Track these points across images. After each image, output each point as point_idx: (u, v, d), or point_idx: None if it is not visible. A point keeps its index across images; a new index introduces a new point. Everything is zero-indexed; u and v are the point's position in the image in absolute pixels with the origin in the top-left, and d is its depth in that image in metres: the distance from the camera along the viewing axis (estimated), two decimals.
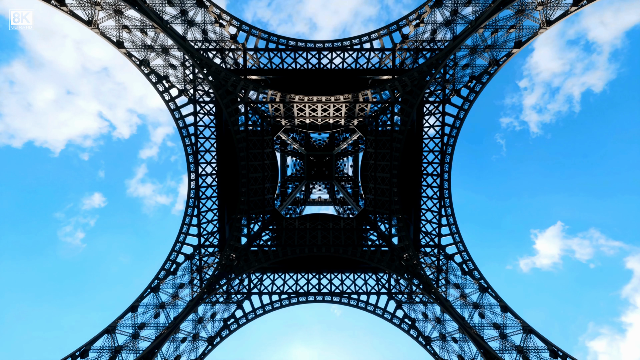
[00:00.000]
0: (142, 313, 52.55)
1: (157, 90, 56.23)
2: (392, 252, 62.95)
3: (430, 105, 64.70)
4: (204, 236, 65.41)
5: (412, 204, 69.19)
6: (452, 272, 60.68)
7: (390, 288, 66.50)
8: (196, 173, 63.92)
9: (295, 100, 60.82)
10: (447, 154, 63.04)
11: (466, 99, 58.53)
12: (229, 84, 57.43)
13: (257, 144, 66.55)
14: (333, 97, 59.99)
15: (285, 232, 68.41)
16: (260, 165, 67.51)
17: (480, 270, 58.38)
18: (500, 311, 52.72)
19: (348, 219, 72.70)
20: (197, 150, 63.68)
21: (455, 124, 60.82)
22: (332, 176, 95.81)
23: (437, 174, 65.17)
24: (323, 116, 65.70)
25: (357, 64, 64.54)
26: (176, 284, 58.15)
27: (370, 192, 70.97)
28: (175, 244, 60.86)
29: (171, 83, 57.48)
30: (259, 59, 63.96)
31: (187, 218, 63.03)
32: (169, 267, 59.07)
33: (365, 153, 72.04)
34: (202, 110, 63.29)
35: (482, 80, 55.80)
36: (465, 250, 60.43)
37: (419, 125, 66.33)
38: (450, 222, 63.06)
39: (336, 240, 66.09)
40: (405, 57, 62.36)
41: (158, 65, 55.05)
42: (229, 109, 59.11)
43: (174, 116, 59.16)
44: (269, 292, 66.21)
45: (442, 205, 64.37)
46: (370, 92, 59.16)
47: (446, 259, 62.59)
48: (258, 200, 68.18)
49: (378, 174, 67.07)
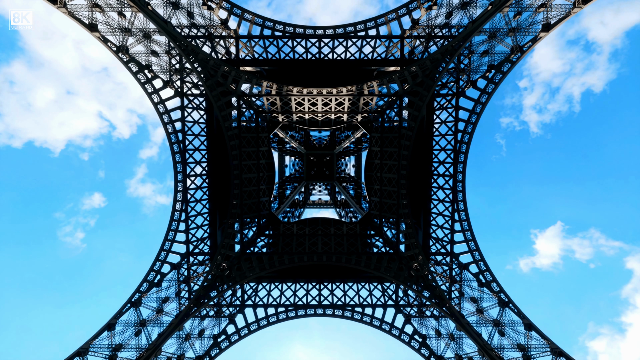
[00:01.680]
0: (121, 332, 46.57)
1: (138, 81, 50.24)
2: (400, 261, 57.05)
3: (441, 99, 58.75)
4: (192, 243, 59.44)
5: (421, 207, 63.25)
6: (466, 284, 54.72)
7: (397, 300, 60.52)
8: (184, 173, 57.94)
9: (293, 93, 54.89)
10: (461, 153, 57.08)
11: (484, 91, 52.54)
12: (218, 75, 51.46)
13: (252, 141, 60.59)
14: (335, 89, 54.06)
15: (282, 238, 62.49)
16: (255, 165, 61.57)
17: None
18: (524, 329, 46.74)
19: (351, 223, 66.77)
20: (185, 149, 57.71)
21: (470, 119, 54.83)
22: (333, 177, 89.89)
23: (450, 175, 59.20)
24: (324, 111, 59.78)
25: (361, 53, 58.59)
26: (160, 298, 52.15)
27: (375, 194, 65.04)
28: (159, 252, 54.88)
29: (154, 73, 51.49)
30: (253, 48, 58.00)
31: (174, 223, 57.02)
32: (152, 279, 53.09)
33: (370, 152, 66.13)
34: (191, 105, 57.32)
35: (502, 69, 49.80)
36: (482, 259, 54.44)
37: (429, 121, 60.39)
38: (464, 227, 57.09)
39: (338, 247, 60.17)
40: (414, 45, 56.39)
41: (139, 53, 49.06)
42: (219, 103, 53.16)
43: (158, 110, 53.19)
44: (265, 305, 60.21)
45: (455, 209, 58.40)
46: (376, 83, 53.21)
47: (460, 269, 56.62)
48: (252, 203, 62.22)
49: (384, 174, 61.13)
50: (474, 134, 55.74)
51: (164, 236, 55.67)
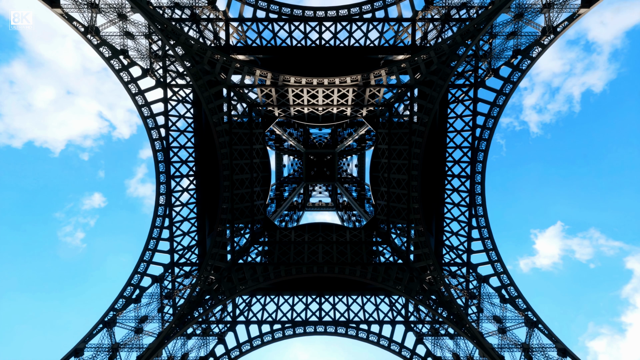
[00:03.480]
0: (90, 359, 40.17)
1: (111, 68, 43.77)
2: (410, 272, 50.65)
3: (456, 90, 52.35)
4: (178, 252, 53.02)
5: (432, 212, 56.87)
6: (486, 299, 48.29)
7: (407, 315, 54.15)
8: (167, 174, 51.49)
9: (290, 84, 48.46)
10: (479, 151, 50.64)
11: (507, 80, 46.08)
12: (205, 61, 45.02)
13: (244, 138, 54.15)
14: (337, 78, 47.66)
15: (278, 247, 56.05)
16: (248, 164, 55.14)
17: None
18: (557, 355, 40.35)
19: (355, 229, 60.35)
20: (168, 146, 51.27)
21: (491, 112, 48.39)
22: (335, 177, 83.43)
23: (466, 175, 52.79)
24: (325, 104, 53.37)
25: (367, 39, 52.24)
26: (139, 316, 45.75)
27: (381, 197, 58.62)
28: (138, 263, 48.42)
29: (131, 59, 44.99)
30: (245, 33, 51.61)
31: (156, 230, 50.56)
32: (130, 294, 46.63)
33: (376, 150, 59.69)
34: (176, 97, 50.88)
35: (530, 54, 43.32)
36: (505, 271, 47.99)
37: (442, 115, 54.01)
38: (483, 235, 50.65)
39: (341, 257, 53.76)
40: (427, 30, 50.00)
41: (112, 35, 42.58)
42: (205, 94, 46.70)
43: (136, 102, 46.73)
44: (259, 321, 53.81)
45: (472, 214, 51.97)
46: (384, 71, 46.79)
47: (478, 282, 50.19)
48: (245, 207, 55.79)
49: (392, 175, 54.69)
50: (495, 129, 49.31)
51: (143, 245, 49.22)
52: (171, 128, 51.00)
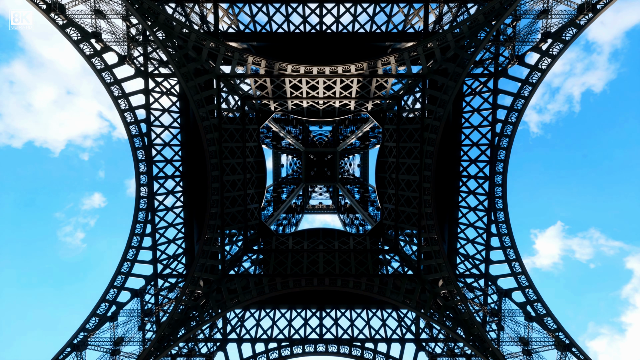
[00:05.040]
0: None
1: (81, 54, 38.11)
2: (422, 285, 45.09)
3: (473, 81, 46.79)
4: (162, 262, 47.43)
5: (445, 217, 51.30)
6: (508, 316, 42.70)
7: (418, 332, 48.54)
8: (149, 175, 45.90)
9: (287, 73, 42.90)
10: (500, 149, 45.03)
11: (535, 68, 40.40)
12: (189, 46, 39.43)
13: (236, 135, 48.58)
14: (340, 67, 42.11)
15: (274, 255, 50.46)
16: (241, 164, 49.57)
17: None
18: None
19: (359, 235, 54.79)
20: (150, 143, 45.67)
21: (515, 104, 42.78)
22: (336, 178, 77.80)
23: (485, 176, 47.20)
24: (326, 97, 47.80)
25: (373, 24, 46.66)
26: (115, 337, 40.14)
27: (388, 200, 53.06)
28: (114, 276, 42.78)
29: (105, 44, 39.35)
30: (236, 17, 46.05)
31: (136, 239, 44.95)
32: (104, 312, 41.00)
33: (382, 148, 54.15)
34: (159, 88, 45.31)
35: (563, 37, 37.67)
36: (530, 285, 42.37)
37: (455, 109, 48.42)
38: (505, 244, 45.04)
39: (344, 267, 48.21)
40: (442, 12, 44.42)
41: (80, 13, 36.94)
42: (190, 84, 41.10)
43: (112, 93, 41.12)
44: (252, 339, 48.21)
45: (492, 219, 46.38)
46: (393, 58, 41.21)
47: (499, 296, 44.60)
48: (237, 211, 50.18)
49: (401, 176, 49.12)
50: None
51: (121, 255, 43.59)
52: (154, 123, 45.41)
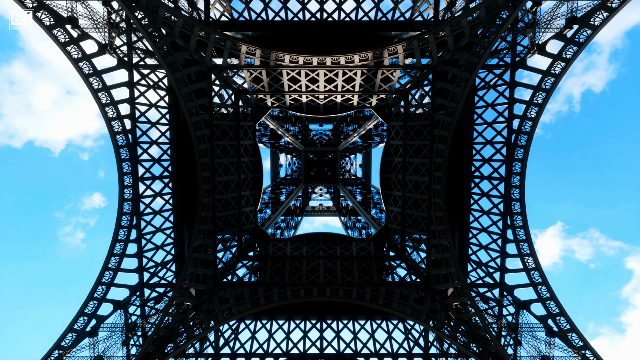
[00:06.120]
0: None
1: (54, 40, 34.26)
2: (432, 295, 41.30)
3: (487, 73, 42.96)
4: (149, 270, 43.60)
5: (455, 220, 47.49)
6: (527, 330, 38.85)
7: (427, 347, 44.73)
8: (134, 176, 42.08)
9: (284, 64, 39.10)
10: (518, 147, 41.20)
11: (558, 57, 36.53)
12: (176, 33, 35.62)
13: (229, 132, 44.80)
14: (343, 57, 38.33)
15: (271, 263, 46.66)
16: (235, 163, 45.79)
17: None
18: None
19: (362, 240, 51.00)
20: (135, 141, 41.84)
21: (535, 98, 38.91)
22: (337, 178, 74.07)
23: (500, 177, 43.38)
24: (327, 91, 44.02)
25: (378, 11, 42.83)
26: (94, 355, 36.29)
27: (394, 203, 49.28)
28: (95, 287, 38.92)
29: (82, 30, 35.50)
30: (229, 3, 42.25)
31: (119, 245, 41.10)
32: (82, 326, 37.15)
33: (387, 147, 50.40)
34: (145, 81, 41.47)
35: (591, 21, 33.84)
36: (552, 297, 38.52)
37: (467, 104, 44.60)
38: (523, 250, 41.20)
39: (346, 275, 44.43)
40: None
41: None
42: (177, 75, 37.30)
43: (90, 86, 37.28)
44: (247, 354, 44.42)
45: (508, 224, 42.55)
46: (401, 47, 37.42)
47: (516, 308, 40.74)
48: (231, 215, 46.39)
49: (408, 176, 45.32)
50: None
51: (102, 264, 39.72)
52: (139, 119, 41.58)
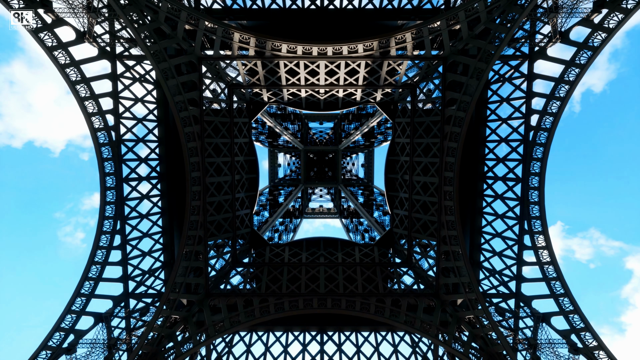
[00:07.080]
0: None
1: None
2: (442, 306, 37.87)
3: (501, 65, 39.53)
4: (134, 279, 40.15)
5: (466, 224, 44.13)
6: (547, 346, 35.40)
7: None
8: (118, 176, 38.63)
9: (282, 54, 35.66)
10: (537, 145, 37.76)
11: (584, 46, 33.06)
12: (161, 18, 32.19)
13: (222, 129, 41.37)
14: (346, 46, 34.90)
15: (268, 270, 43.21)
16: (228, 163, 42.36)
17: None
18: None
19: (365, 245, 47.60)
20: (119, 138, 38.40)
21: (556, 91, 35.45)
22: (338, 179, 70.72)
23: (516, 178, 39.95)
24: (328, 85, 40.60)
25: None
26: None
27: (400, 206, 45.87)
28: (72, 298, 35.44)
29: (57, 15, 32.05)
30: None
31: (101, 252, 37.64)
32: (58, 343, 33.68)
33: (392, 146, 47.03)
34: (130, 73, 38.04)
35: (623, 4, 30.38)
36: (576, 310, 35.05)
37: (479, 100, 41.14)
38: (542, 258, 37.76)
39: (349, 284, 40.99)
40: None
41: None
42: (163, 65, 33.85)
43: (67, 78, 33.83)
44: None
45: (525, 229, 39.10)
46: (410, 34, 33.99)
47: (535, 321, 37.26)
48: (224, 219, 42.95)
49: (416, 177, 41.89)
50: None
51: (81, 273, 36.24)
52: (123, 114, 38.13)
